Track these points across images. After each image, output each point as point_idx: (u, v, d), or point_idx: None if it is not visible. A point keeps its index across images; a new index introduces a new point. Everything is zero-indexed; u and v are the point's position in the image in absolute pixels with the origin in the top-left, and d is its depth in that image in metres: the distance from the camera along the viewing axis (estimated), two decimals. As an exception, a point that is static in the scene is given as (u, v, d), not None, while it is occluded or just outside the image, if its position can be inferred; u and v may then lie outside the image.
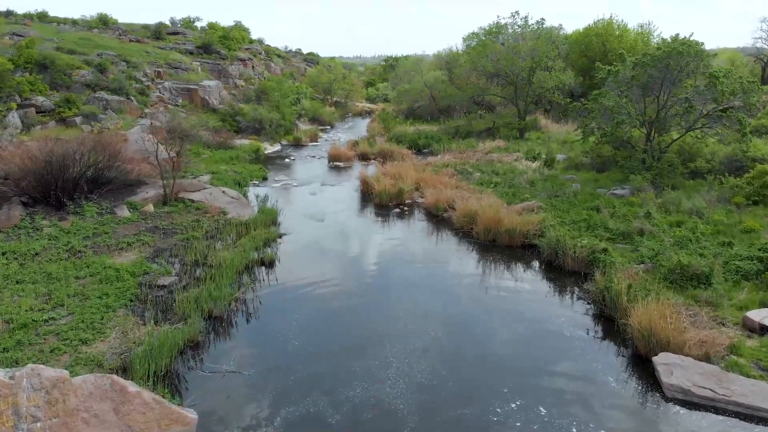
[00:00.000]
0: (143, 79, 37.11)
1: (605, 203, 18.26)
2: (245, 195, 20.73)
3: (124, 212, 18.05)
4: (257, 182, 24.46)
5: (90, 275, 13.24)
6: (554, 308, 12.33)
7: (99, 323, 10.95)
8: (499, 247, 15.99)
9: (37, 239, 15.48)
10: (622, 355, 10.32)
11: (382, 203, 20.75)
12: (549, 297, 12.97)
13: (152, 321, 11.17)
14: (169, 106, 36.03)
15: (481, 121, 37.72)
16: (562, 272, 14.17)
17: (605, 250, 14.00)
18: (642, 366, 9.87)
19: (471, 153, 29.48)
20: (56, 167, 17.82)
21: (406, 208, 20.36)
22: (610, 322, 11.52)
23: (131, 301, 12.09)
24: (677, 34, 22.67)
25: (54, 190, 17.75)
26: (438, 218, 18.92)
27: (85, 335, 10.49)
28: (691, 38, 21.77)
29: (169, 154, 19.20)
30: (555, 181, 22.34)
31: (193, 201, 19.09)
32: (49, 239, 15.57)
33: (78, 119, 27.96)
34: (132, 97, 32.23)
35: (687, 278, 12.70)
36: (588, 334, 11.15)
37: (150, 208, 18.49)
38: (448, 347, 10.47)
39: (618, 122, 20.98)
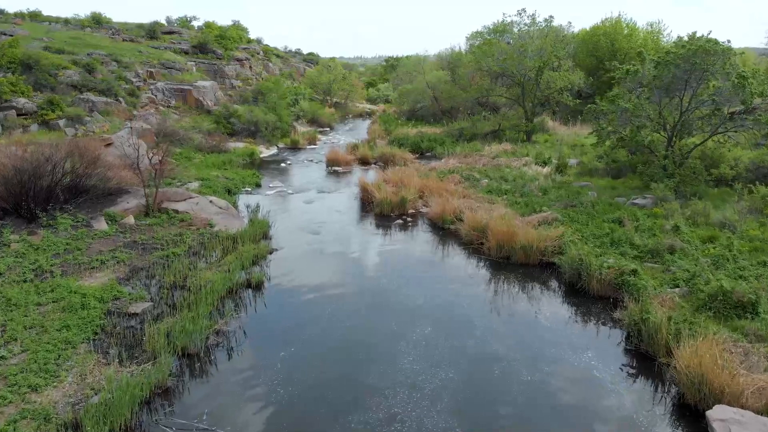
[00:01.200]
0: (134, 80, 35.60)
1: (628, 215, 16.68)
2: (235, 204, 19.16)
3: (101, 225, 16.50)
4: (250, 189, 22.89)
5: (53, 301, 11.69)
6: (580, 341, 10.77)
7: (54, 364, 9.39)
8: (514, 265, 14.41)
9: (2, 257, 13.93)
10: (668, 406, 8.74)
11: (383, 213, 19.20)
12: (573, 328, 11.40)
13: (117, 360, 9.63)
14: (161, 107, 34.53)
15: (486, 123, 36.15)
16: (586, 296, 12.59)
17: (635, 271, 12.43)
18: (694, 421, 8.30)
19: (477, 157, 27.91)
20: (28, 175, 16.29)
21: (409, 219, 18.81)
22: (647, 360, 9.95)
23: (95, 334, 10.53)
24: (694, 32, 21.13)
25: (25, 200, 16.23)
26: (444, 231, 17.35)
27: (36, 380, 8.93)
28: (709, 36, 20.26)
29: (150, 160, 17.66)
30: (569, 189, 20.77)
31: (177, 212, 17.54)
32: (16, 257, 14.01)
33: (62, 122, 26.45)
34: (121, 99, 30.71)
35: (730, 306, 11.12)
36: (623, 376, 9.58)
37: (130, 220, 16.95)
38: (462, 397, 8.90)
39: (639, 126, 19.41)
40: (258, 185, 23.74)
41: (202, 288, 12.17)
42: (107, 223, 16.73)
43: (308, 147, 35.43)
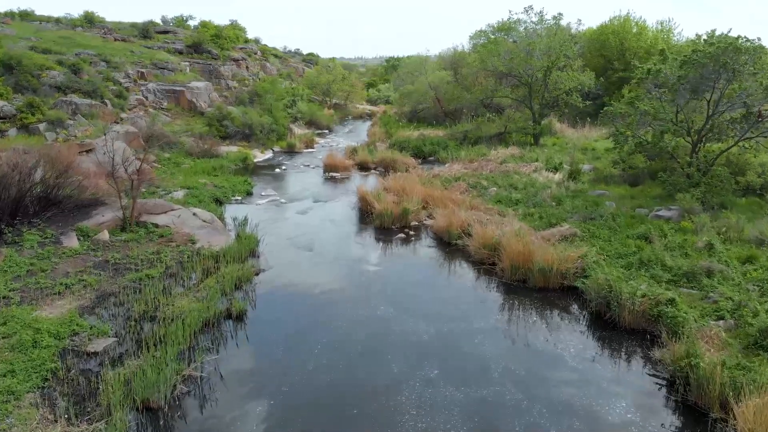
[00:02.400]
0: (123, 81, 34.04)
1: (654, 229, 15.06)
2: (221, 217, 17.53)
3: (72, 241, 14.92)
4: (240, 198, 21.30)
5: (2, 337, 10.11)
6: (614, 387, 9.16)
7: (-12, 423, 7.82)
8: (531, 289, 12.79)
9: (-45, 280, 12.37)
10: (732, 481, 7.14)
11: (383, 226, 17.60)
12: (604, 369, 9.79)
13: (65, 416, 8.05)
14: (151, 109, 32.96)
15: (492, 125, 34.52)
16: (616, 329, 10.98)
17: (672, 301, 10.81)
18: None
19: (483, 162, 26.31)
20: (-9, 187, 14.76)
21: (411, 233, 17.20)
22: (697, 414, 8.34)
23: (45, 380, 8.94)
24: (713, 30, 19.49)
25: (-12, 214, 14.69)
26: (451, 247, 15.74)
27: (-39, 445, 7.37)
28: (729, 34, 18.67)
29: (126, 169, 16.08)
30: (585, 198, 19.15)
31: (157, 226, 15.96)
32: (-29, 281, 12.46)
33: (42, 126, 24.84)
34: (107, 101, 29.12)
35: (788, 345, 9.53)
36: (671, 435, 7.98)
37: (104, 235, 15.36)
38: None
39: (663, 131, 17.79)
40: (249, 193, 22.15)
41: (175, 320, 10.57)
42: (79, 239, 15.15)
43: (305, 151, 33.84)
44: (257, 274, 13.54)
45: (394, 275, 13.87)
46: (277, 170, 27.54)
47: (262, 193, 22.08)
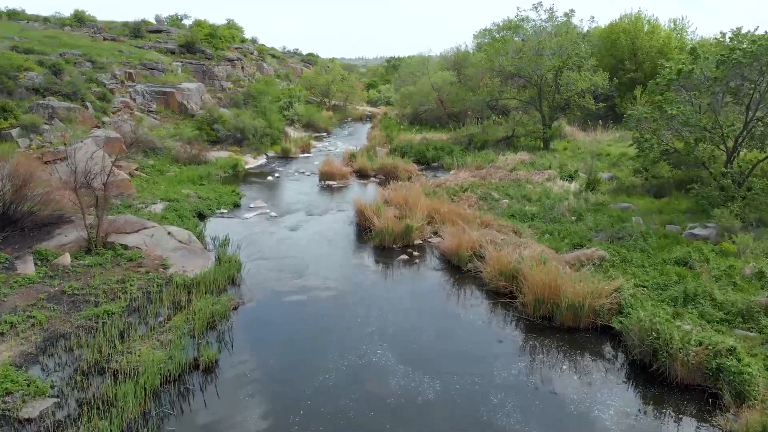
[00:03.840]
0: (109, 82, 32.16)
1: (693, 252, 13.13)
2: (201, 235, 15.57)
3: (27, 267, 13.02)
4: (226, 211, 19.38)
5: None
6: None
7: None
8: (558, 329, 10.86)
9: None
10: None
11: (383, 245, 15.69)
12: (657, 440, 7.88)
13: None
14: (136, 112, 31.07)
15: (499, 128, 32.60)
16: (665, 384, 9.05)
17: (733, 350, 8.90)
18: None
19: (492, 169, 24.39)
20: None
21: (415, 253, 15.29)
22: None
23: (-47, 464, 7.08)
24: (739, 28, 17.54)
25: (-68, 236, 12.83)
26: (461, 273, 13.81)
27: None
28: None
29: (97, 181, 14.17)
30: (608, 213, 17.23)
31: (126, 248, 14.07)
32: None
33: (15, 131, 22.94)
34: (88, 104, 27.24)
35: None
36: None
37: (65, 259, 13.46)
38: None
39: (697, 138, 15.88)
40: (237, 205, 20.23)
41: (129, 376, 8.68)
42: (36, 263, 13.25)
43: (301, 156, 31.93)
44: (235, 309, 11.61)
45: (396, 309, 11.94)
46: (270, 178, 25.63)
47: (251, 205, 20.17)
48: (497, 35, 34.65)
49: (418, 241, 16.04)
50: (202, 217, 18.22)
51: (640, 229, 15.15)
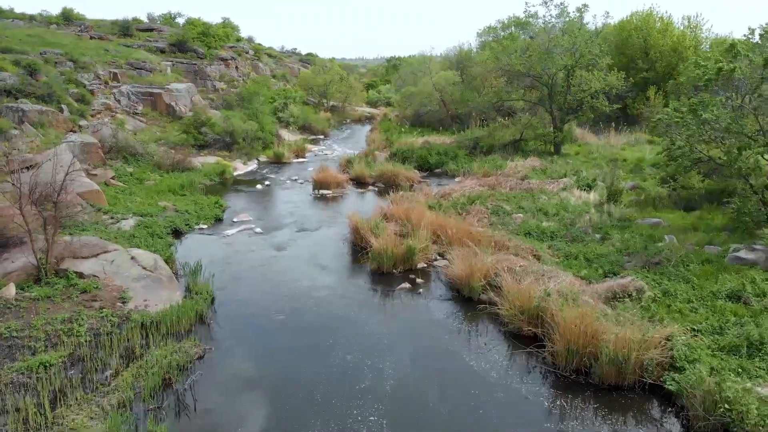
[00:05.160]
0: (91, 83, 30.20)
1: (747, 284, 11.09)
2: (170, 259, 13.49)
3: (-39, 300, 11.03)
4: (206, 226, 17.36)
5: None
6: None
7: None
8: (596, 387, 8.80)
9: None
10: None
11: (381, 270, 13.66)
12: None
13: None
14: (119, 115, 29.07)
15: (506, 131, 30.56)
16: (743, 473, 7.05)
17: (833, 428, 6.88)
18: None
19: (501, 177, 22.36)
20: None
21: (419, 280, 13.24)
22: None
23: None
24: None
25: None
26: (473, 307, 11.76)
27: None
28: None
29: (45, 198, 12.17)
30: (636, 230, 15.23)
31: (81, 276, 12.06)
32: None
33: (-20, 136, 21.03)
34: (64, 106, 25.24)
35: None
36: None
37: (10, 290, 11.45)
38: None
39: (740, 147, 13.86)
40: (219, 219, 18.21)
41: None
42: (-28, 296, 11.26)
43: (295, 161, 29.92)
44: (201, 358, 9.58)
45: (395, 357, 9.89)
46: (259, 186, 23.61)
47: (235, 219, 18.14)
48: (502, 33, 32.73)
49: (422, 265, 14.02)
50: (178, 234, 16.21)
51: (678, 251, 13.12)
